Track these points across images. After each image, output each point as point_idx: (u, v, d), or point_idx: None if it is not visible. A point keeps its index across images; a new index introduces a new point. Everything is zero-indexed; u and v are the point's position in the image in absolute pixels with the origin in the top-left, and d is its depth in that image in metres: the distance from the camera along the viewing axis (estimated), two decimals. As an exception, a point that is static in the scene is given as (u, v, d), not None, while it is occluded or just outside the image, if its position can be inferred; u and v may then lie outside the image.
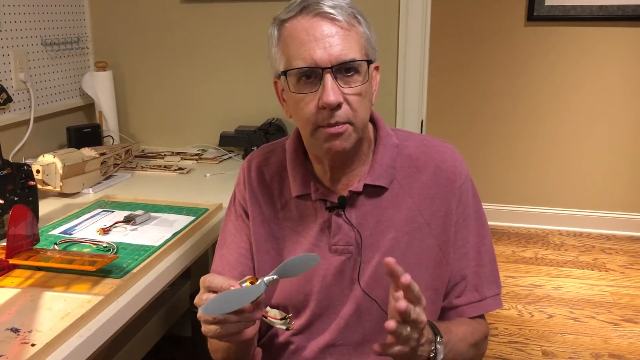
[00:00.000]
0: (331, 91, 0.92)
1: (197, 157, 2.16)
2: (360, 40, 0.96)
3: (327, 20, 0.93)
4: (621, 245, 3.36)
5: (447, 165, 1.06)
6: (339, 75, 0.93)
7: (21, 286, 1.11)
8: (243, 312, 0.84)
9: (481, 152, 3.59)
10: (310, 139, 0.99)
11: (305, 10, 0.94)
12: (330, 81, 0.92)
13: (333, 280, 1.05)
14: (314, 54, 0.92)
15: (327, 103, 0.92)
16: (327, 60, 0.92)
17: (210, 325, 0.85)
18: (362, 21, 0.98)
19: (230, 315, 0.83)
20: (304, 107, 0.95)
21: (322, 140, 0.97)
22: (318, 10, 0.93)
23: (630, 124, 3.37)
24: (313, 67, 0.93)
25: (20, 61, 1.96)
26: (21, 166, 1.37)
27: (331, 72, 0.92)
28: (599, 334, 2.46)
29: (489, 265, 1.10)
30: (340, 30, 0.93)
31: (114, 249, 1.27)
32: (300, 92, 0.95)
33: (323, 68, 0.92)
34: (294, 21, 0.95)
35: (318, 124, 0.95)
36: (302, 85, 0.95)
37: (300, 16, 0.94)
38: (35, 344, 0.91)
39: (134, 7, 2.29)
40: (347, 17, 0.94)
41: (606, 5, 3.21)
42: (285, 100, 1.02)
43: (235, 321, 0.84)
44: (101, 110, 2.22)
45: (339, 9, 0.94)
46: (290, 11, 0.96)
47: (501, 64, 3.44)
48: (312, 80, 0.94)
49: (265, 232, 1.10)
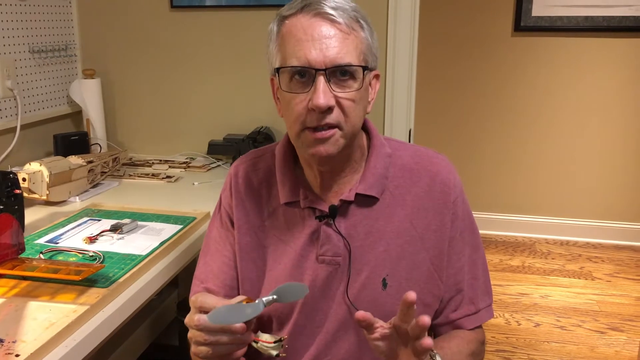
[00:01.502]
0: (322, 94, 0.89)
1: (185, 165, 2.15)
2: (360, 45, 0.94)
3: (326, 21, 0.91)
4: (607, 253, 3.39)
5: (442, 177, 1.05)
6: (333, 79, 0.91)
7: (6, 296, 1.10)
8: (235, 334, 0.83)
9: (469, 161, 3.61)
10: (297, 140, 0.97)
11: (307, 8, 0.92)
12: (323, 83, 0.90)
13: (319, 291, 1.02)
14: (309, 54, 0.90)
15: (317, 105, 0.90)
16: (322, 62, 0.90)
17: (201, 346, 0.85)
18: (364, 26, 0.96)
19: (222, 336, 0.83)
20: (294, 106, 0.93)
21: (307, 144, 0.95)
22: (319, 10, 0.91)
23: (617, 133, 3.41)
24: (306, 67, 0.91)
25: (8, 68, 1.95)
26: (7, 174, 1.36)
27: (324, 74, 0.90)
28: (586, 343, 2.48)
29: (482, 276, 1.10)
30: (339, 33, 0.91)
31: (100, 258, 1.26)
32: (292, 91, 0.93)
33: (316, 69, 0.90)
34: (294, 19, 0.93)
35: (306, 125, 0.93)
36: (294, 85, 0.93)
37: (301, 14, 0.93)
38: (19, 355, 0.90)
39: (122, 15, 2.28)
40: (348, 20, 0.92)
41: (592, 17, 3.26)
42: (279, 98, 1.00)
43: (227, 343, 0.84)
44: (89, 117, 2.21)
45: (341, 11, 0.92)
46: (292, 8, 0.94)
47: (489, 73, 3.47)
48: (304, 80, 0.92)
49: (251, 241, 1.08)
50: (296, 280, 1.03)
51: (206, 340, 0.84)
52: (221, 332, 0.84)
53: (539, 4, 3.31)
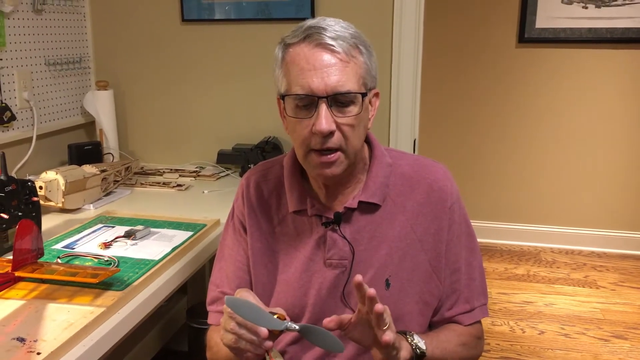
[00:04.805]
0: (324, 119, 0.97)
1: (195, 174, 2.20)
2: (359, 71, 1.01)
3: (327, 50, 0.98)
4: (612, 262, 3.40)
5: (439, 184, 1.12)
6: (334, 105, 0.98)
7: (26, 298, 1.15)
8: (257, 336, 0.90)
9: (473, 170, 3.65)
10: (304, 161, 1.05)
11: (308, 39, 0.99)
12: (325, 110, 0.97)
13: (327, 293, 1.09)
14: (312, 83, 0.97)
15: (319, 130, 0.97)
16: (324, 90, 0.97)
17: (228, 334, 0.92)
18: (363, 51, 1.02)
19: (246, 333, 0.90)
20: (300, 130, 1.01)
21: (313, 166, 1.03)
22: (319, 40, 0.98)
23: (621, 142, 3.44)
24: (310, 95, 0.98)
25: (24, 80, 2.01)
26: (25, 182, 1.42)
27: (326, 101, 0.97)
28: (589, 350, 2.50)
29: (478, 278, 1.16)
30: (339, 62, 0.98)
31: (115, 262, 1.31)
32: (297, 116, 1.01)
33: (319, 97, 0.97)
34: (297, 48, 1.00)
35: (311, 148, 1.01)
36: (299, 110, 1.00)
37: (304, 44, 0.99)
38: (40, 353, 0.95)
39: (134, 28, 2.35)
40: (347, 49, 0.99)
41: (595, 28, 3.30)
42: (285, 117, 1.07)
43: (248, 340, 0.90)
44: (102, 128, 2.27)
45: (341, 40, 0.98)
46: (295, 37, 1.01)
47: (493, 84, 3.52)
48: (308, 106, 0.99)
49: (262, 247, 1.14)
50: (305, 283, 1.10)
51: (232, 330, 0.91)
52: (246, 329, 0.90)
53: (542, 16, 3.35)
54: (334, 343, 0.90)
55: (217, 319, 1.15)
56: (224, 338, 0.93)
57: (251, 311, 0.88)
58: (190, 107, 2.38)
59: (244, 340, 0.91)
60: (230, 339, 0.91)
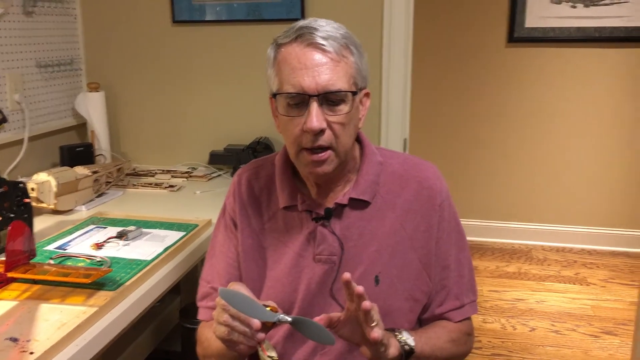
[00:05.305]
0: (315, 118, 0.99)
1: (187, 174, 2.21)
2: (350, 70, 1.03)
3: (318, 50, 1.00)
4: (602, 260, 3.44)
5: (429, 183, 1.14)
6: (325, 103, 1.00)
7: (19, 298, 1.16)
8: (250, 328, 0.91)
9: (464, 169, 3.67)
10: (296, 159, 1.07)
11: (300, 38, 1.01)
12: (316, 108, 0.99)
13: (316, 289, 1.10)
14: (303, 82, 0.99)
15: (310, 128, 0.99)
16: (314, 89, 0.99)
17: (221, 326, 0.92)
18: (354, 51, 1.04)
19: (239, 325, 0.91)
20: (291, 128, 1.03)
21: (305, 164, 1.05)
22: (311, 40, 1.00)
23: (611, 140, 3.47)
24: (301, 94, 1.00)
25: (15, 82, 2.02)
26: (17, 184, 1.42)
27: (317, 100, 0.99)
28: (580, 346, 2.53)
29: (467, 274, 1.18)
30: (330, 61, 1.00)
31: (107, 263, 1.32)
32: (289, 114, 1.02)
33: (310, 95, 0.99)
34: (289, 47, 1.02)
35: (302, 146, 1.02)
36: (290, 109, 1.02)
37: (295, 43, 1.01)
38: (33, 352, 0.96)
39: (126, 30, 2.36)
40: (338, 49, 1.01)
41: (584, 27, 3.33)
42: (277, 116, 1.09)
43: (240, 332, 0.91)
44: (93, 129, 2.28)
45: (332, 40, 1.00)
46: (287, 37, 1.03)
47: (483, 84, 3.54)
48: (299, 105, 1.01)
49: (253, 243, 1.16)
50: (294, 278, 1.11)
51: (225, 322, 0.92)
52: (239, 321, 0.91)
53: (532, 16, 3.38)
54: (326, 335, 0.91)
55: (207, 315, 1.16)
56: (216, 330, 0.94)
57: (244, 303, 0.89)
58: (181, 108, 2.39)
59: (237, 332, 0.92)
60: (223, 331, 0.92)
